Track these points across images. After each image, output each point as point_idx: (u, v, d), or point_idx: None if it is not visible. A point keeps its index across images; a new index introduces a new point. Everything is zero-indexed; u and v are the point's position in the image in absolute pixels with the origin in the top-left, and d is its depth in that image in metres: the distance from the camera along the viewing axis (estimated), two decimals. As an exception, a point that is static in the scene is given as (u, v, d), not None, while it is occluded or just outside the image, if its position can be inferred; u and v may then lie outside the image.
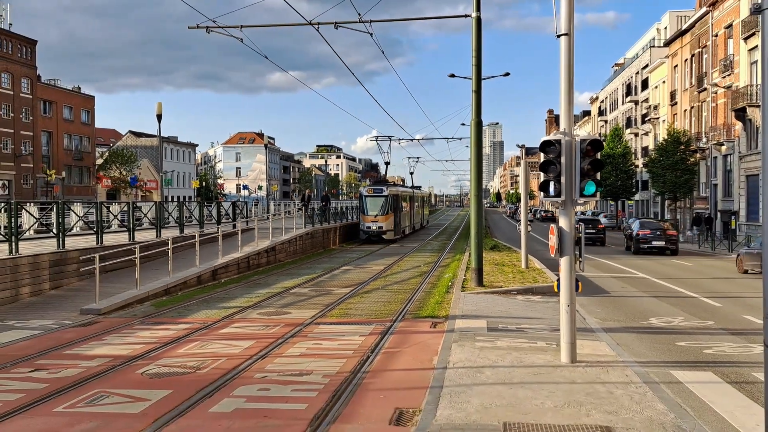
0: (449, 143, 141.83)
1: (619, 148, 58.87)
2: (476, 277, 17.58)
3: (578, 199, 9.19)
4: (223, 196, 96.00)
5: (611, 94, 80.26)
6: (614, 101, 78.65)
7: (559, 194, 9.19)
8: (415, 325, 12.67)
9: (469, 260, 21.36)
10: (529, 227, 24.28)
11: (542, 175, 9.40)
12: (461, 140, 49.82)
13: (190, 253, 20.84)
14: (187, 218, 26.83)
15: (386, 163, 48.30)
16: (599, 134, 78.46)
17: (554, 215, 65.80)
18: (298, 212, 36.09)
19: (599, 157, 9.37)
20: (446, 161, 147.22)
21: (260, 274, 22.38)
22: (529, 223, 24.64)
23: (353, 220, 43.64)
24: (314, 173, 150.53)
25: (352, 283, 19.52)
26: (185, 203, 28.03)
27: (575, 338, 9.33)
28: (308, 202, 42.70)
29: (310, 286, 19.09)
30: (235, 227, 27.13)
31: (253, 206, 41.93)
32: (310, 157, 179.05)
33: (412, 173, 67.16)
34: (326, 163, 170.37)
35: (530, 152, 27.57)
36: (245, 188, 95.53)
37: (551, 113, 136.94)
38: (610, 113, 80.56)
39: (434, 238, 45.78)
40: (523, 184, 24.81)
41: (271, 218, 29.42)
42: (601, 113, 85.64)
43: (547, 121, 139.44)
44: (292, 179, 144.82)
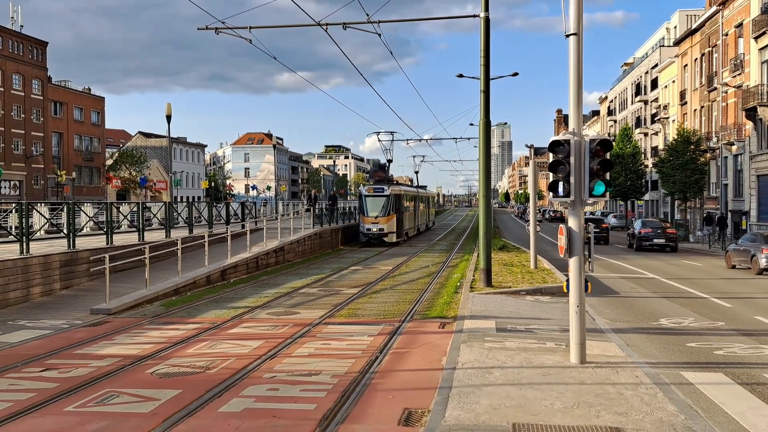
0: (457, 143, 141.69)
1: (628, 148, 58.59)
2: (485, 277, 17.54)
3: (587, 199, 9.15)
4: (232, 196, 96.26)
5: (620, 93, 79.91)
6: (623, 101, 78.31)
7: (568, 194, 9.16)
8: (423, 325, 12.66)
9: (477, 260, 21.32)
10: (538, 227, 24.22)
11: (551, 175, 9.38)
12: (470, 140, 49.56)
13: (199, 253, 20.91)
14: (196, 218, 26.92)
15: (388, 161, 45.74)
16: (608, 134, 78.19)
17: (563, 215, 65.66)
18: (306, 213, 36.05)
19: (608, 157, 9.33)
20: (454, 161, 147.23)
21: (269, 274, 22.42)
22: (537, 223, 24.58)
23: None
24: (322, 173, 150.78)
25: (360, 283, 19.53)
26: (194, 204, 28.12)
27: (585, 339, 9.29)
28: (315, 202, 42.77)
29: (318, 286, 19.11)
30: (243, 227, 27.21)
31: (261, 206, 42.06)
32: (318, 157, 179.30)
33: (417, 172, 64.31)
34: (334, 163, 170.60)
35: (539, 152, 27.61)
36: (254, 188, 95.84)
37: (560, 113, 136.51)
38: (619, 113, 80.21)
39: (440, 240, 43.23)
40: (531, 184, 24.74)
41: (279, 218, 29.48)
42: (610, 113, 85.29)
43: (555, 120, 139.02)
44: (300, 179, 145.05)
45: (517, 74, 29.53)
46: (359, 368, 9.15)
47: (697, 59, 50.08)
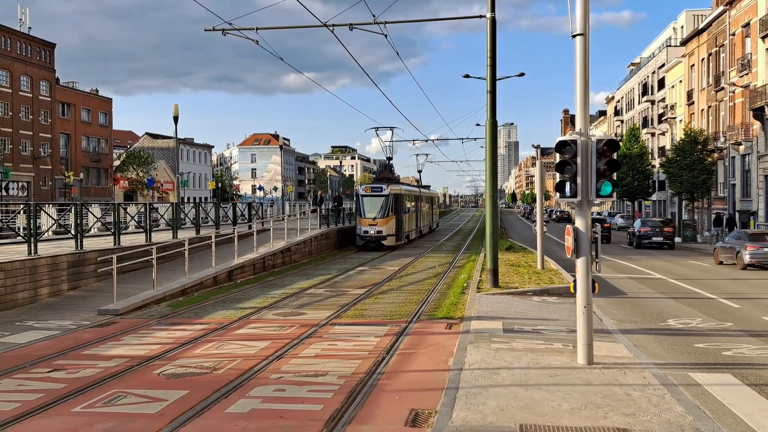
0: (464, 144, 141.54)
1: (635, 148, 58.37)
2: (491, 278, 17.51)
3: (594, 199, 9.13)
4: (238, 197, 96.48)
5: (627, 93, 79.67)
6: (630, 101, 78.07)
7: (575, 195, 9.14)
8: (430, 326, 12.65)
9: (484, 261, 21.30)
10: (544, 228, 24.17)
11: (558, 175, 9.35)
12: (476, 141, 49.51)
13: (206, 253, 20.96)
14: (203, 219, 26.98)
15: (388, 158, 42.22)
16: (615, 134, 77.97)
17: (570, 216, 65.47)
18: (312, 214, 35.92)
19: (615, 157, 9.31)
20: (461, 162, 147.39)
21: (276, 274, 22.45)
22: (544, 223, 24.53)
23: None
24: (329, 174, 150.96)
25: (367, 284, 19.54)
26: (201, 204, 28.19)
27: (592, 340, 9.26)
28: (321, 202, 42.68)
29: (325, 286, 19.13)
30: (250, 228, 27.26)
31: (268, 207, 42.09)
32: (324, 158, 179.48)
33: (420, 171, 61.16)
34: (341, 163, 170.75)
35: (545, 152, 27.70)
36: (260, 189, 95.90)
37: (566, 113, 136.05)
38: (626, 113, 79.97)
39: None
40: (538, 184, 24.69)
41: (286, 219, 29.56)
42: (617, 113, 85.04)
43: (562, 121, 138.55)
44: (307, 180, 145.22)
45: (523, 74, 29.57)
46: (366, 369, 9.15)
47: (704, 59, 49.89)
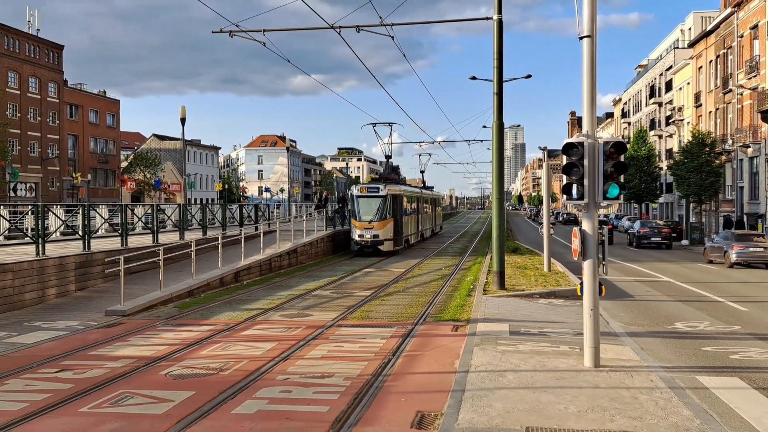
0: (470, 145, 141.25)
1: (642, 150, 58.19)
2: (498, 280, 17.49)
3: (601, 201, 9.11)
4: (245, 198, 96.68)
5: (635, 95, 79.43)
6: (638, 103, 77.83)
7: (582, 197, 9.12)
8: (436, 328, 12.64)
9: (490, 263, 21.27)
10: (551, 230, 24.12)
11: (565, 177, 9.34)
12: (482, 142, 49.44)
13: (212, 255, 21.01)
14: (209, 220, 27.05)
15: (387, 156, 37.92)
16: (622, 136, 77.74)
17: (577, 218, 65.32)
18: (318, 215, 35.86)
19: (623, 159, 9.28)
20: (467, 163, 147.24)
21: (282, 276, 22.48)
22: (551, 225, 24.48)
23: None
24: (335, 176, 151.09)
25: (373, 285, 19.54)
26: (208, 206, 28.26)
27: (599, 342, 9.24)
28: (325, 203, 42.58)
29: (331, 288, 19.14)
30: (257, 229, 27.30)
31: (275, 209, 42.17)
32: (331, 159, 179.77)
33: (422, 171, 57.97)
34: (347, 165, 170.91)
35: (552, 154, 27.54)
36: (267, 191, 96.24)
37: (573, 115, 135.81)
38: (633, 115, 79.74)
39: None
40: (545, 186, 24.65)
41: (292, 221, 29.55)
42: (624, 115, 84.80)
43: (569, 123, 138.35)
44: (313, 182, 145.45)
45: (530, 76, 29.46)
46: (372, 371, 9.15)
47: (712, 61, 49.71)
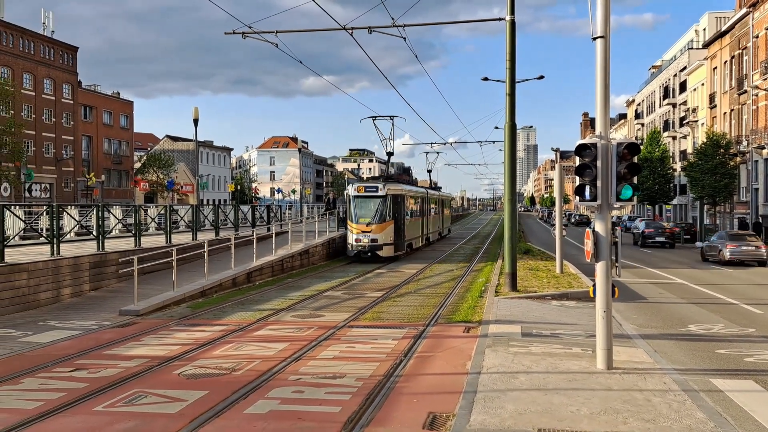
0: (482, 147, 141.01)
1: (656, 151, 57.84)
2: (510, 281, 17.45)
3: (615, 203, 9.07)
4: (257, 199, 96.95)
5: (648, 96, 78.97)
6: (651, 104, 77.37)
7: (595, 198, 9.09)
8: (448, 329, 12.63)
9: (502, 265, 21.22)
10: (564, 231, 24.02)
11: (578, 179, 9.30)
12: (494, 144, 49.29)
13: (225, 255, 21.09)
14: (222, 221, 27.17)
15: (389, 153, 33.45)
16: (636, 137, 77.29)
17: (589, 220, 64.97)
18: (323, 216, 35.70)
19: (636, 160, 9.24)
20: (479, 165, 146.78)
21: (294, 276, 22.53)
22: (563, 227, 24.38)
23: None
24: (347, 177, 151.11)
25: (384, 286, 19.55)
26: (220, 206, 28.38)
27: (611, 344, 9.20)
28: (334, 204, 42.58)
29: (343, 289, 19.17)
30: (269, 230, 27.40)
31: (286, 210, 42.28)
32: (342, 160, 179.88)
33: (429, 171, 55.11)
34: (359, 166, 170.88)
35: (565, 156, 27.33)
36: (279, 192, 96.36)
37: (586, 116, 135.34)
38: (646, 116, 79.25)
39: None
40: (557, 187, 24.55)
41: (304, 222, 29.65)
42: (637, 116, 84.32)
43: (582, 124, 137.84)
44: (325, 183, 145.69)
45: (542, 77, 29.38)
46: (384, 371, 9.16)
47: (726, 62, 49.35)
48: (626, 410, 7.27)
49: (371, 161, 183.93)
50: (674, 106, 66.05)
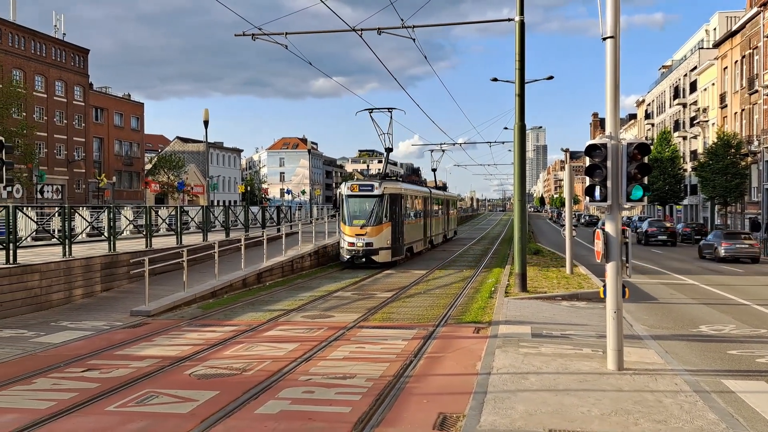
0: (492, 147, 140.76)
1: (666, 151, 57.56)
2: (520, 282, 17.42)
3: (625, 203, 9.05)
4: (267, 200, 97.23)
5: (658, 96, 78.58)
6: (661, 104, 76.99)
7: (605, 199, 9.07)
8: (458, 330, 12.63)
9: (512, 266, 21.19)
10: (573, 232, 23.96)
11: (587, 179, 9.29)
12: (504, 144, 49.31)
13: (235, 256, 21.17)
14: (232, 222, 27.26)
15: (387, 149, 30.12)
16: (646, 138, 76.93)
17: (599, 220, 64.71)
18: (333, 217, 35.65)
19: (646, 161, 9.21)
20: (488, 165, 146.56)
21: (304, 277, 22.58)
22: (573, 228, 24.32)
23: None
24: (356, 177, 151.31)
25: (394, 287, 19.56)
26: (231, 208, 28.48)
27: (622, 345, 9.17)
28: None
29: (352, 289, 19.19)
30: (279, 231, 27.47)
31: (296, 210, 42.38)
32: (352, 161, 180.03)
33: (434, 170, 51.64)
34: (368, 167, 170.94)
35: (574, 156, 27.20)
36: (289, 193, 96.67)
37: (596, 117, 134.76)
38: (657, 116, 78.86)
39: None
40: (567, 188, 24.50)
41: (314, 222, 29.68)
42: (647, 116, 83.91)
43: (591, 124, 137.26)
44: (334, 184, 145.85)
45: (552, 78, 29.29)
46: (394, 372, 9.17)
47: (737, 61, 49.05)
48: (637, 411, 7.25)
49: (380, 162, 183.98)
50: (684, 106, 65.70)
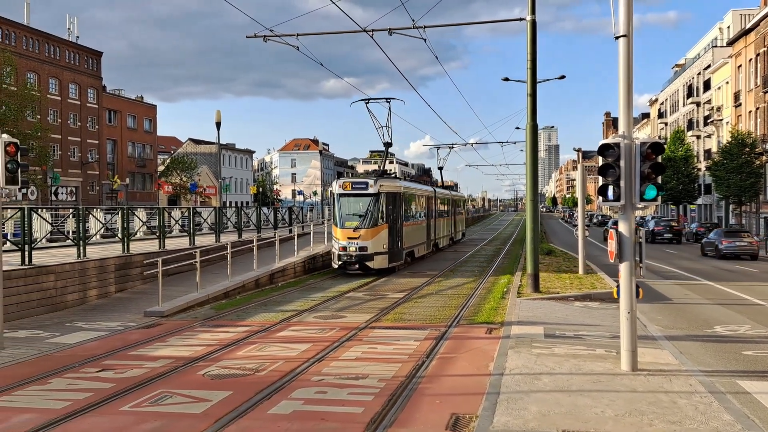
0: (503, 147, 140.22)
1: (680, 151, 57.16)
2: (532, 282, 17.36)
3: (638, 203, 8.99)
4: (279, 201, 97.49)
5: (672, 95, 78.05)
6: (675, 103, 76.46)
7: (618, 198, 9.02)
8: (470, 330, 12.61)
9: (524, 266, 21.11)
10: (586, 232, 23.84)
11: (600, 179, 9.24)
12: (516, 144, 48.71)
13: (248, 257, 21.24)
14: (244, 223, 27.36)
15: (386, 144, 27.30)
16: (659, 137, 76.41)
17: (610, 219, 64.33)
18: None
19: (660, 160, 9.15)
20: (500, 165, 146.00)
21: (316, 278, 22.61)
22: (586, 227, 24.20)
23: None
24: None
25: (406, 287, 19.55)
26: (243, 209, 28.59)
27: (636, 346, 9.11)
28: None
29: (364, 290, 19.20)
30: (291, 232, 27.56)
31: (308, 211, 42.47)
32: (363, 162, 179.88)
33: (441, 168, 47.52)
34: (379, 168, 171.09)
35: (587, 156, 27.14)
36: (300, 193, 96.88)
37: (608, 116, 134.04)
38: (670, 115, 78.33)
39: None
40: (579, 188, 24.39)
41: (325, 223, 29.71)
42: (660, 115, 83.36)
43: (604, 124, 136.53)
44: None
45: (564, 77, 29.17)
46: (406, 372, 9.17)
47: (751, 59, 48.62)
48: (652, 412, 7.20)
49: (391, 162, 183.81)
50: (698, 104, 65.21)
